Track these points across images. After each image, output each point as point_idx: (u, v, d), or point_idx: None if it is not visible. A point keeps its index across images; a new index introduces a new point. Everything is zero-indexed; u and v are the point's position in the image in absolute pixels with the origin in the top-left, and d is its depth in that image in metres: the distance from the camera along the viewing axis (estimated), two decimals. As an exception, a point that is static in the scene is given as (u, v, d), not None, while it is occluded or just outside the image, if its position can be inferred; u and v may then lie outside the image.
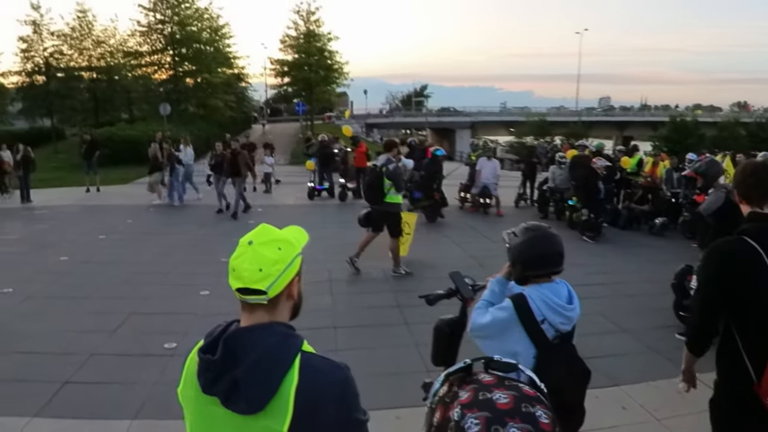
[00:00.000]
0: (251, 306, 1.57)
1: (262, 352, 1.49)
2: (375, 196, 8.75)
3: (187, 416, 1.64)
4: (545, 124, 58.67)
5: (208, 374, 1.51)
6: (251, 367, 1.47)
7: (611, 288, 8.57)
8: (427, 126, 71.03)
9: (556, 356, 2.72)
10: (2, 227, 13.23)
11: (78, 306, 7.44)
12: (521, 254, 2.85)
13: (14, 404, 4.79)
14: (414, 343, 6.07)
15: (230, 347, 1.50)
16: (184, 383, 1.64)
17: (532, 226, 2.93)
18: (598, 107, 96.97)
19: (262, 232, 1.61)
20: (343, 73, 47.44)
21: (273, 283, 1.54)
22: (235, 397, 1.47)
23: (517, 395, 1.20)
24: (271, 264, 1.54)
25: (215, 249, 10.43)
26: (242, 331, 1.55)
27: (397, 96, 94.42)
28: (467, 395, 1.25)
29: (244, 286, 1.53)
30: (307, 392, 1.49)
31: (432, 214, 13.79)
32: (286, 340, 1.55)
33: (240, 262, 1.54)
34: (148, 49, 40.98)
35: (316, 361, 1.56)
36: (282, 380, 1.48)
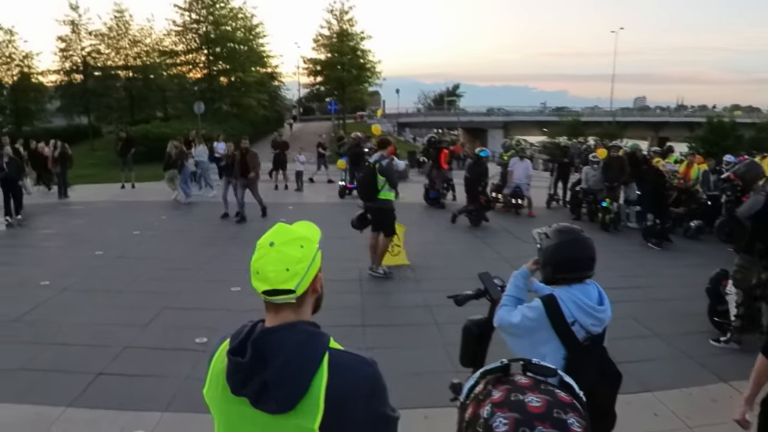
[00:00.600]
0: (277, 306, 1.57)
1: (290, 352, 1.49)
2: (368, 193, 8.70)
3: (214, 417, 1.64)
4: (579, 124, 57.94)
5: (237, 376, 1.51)
6: (281, 368, 1.47)
7: (644, 291, 8.43)
8: (459, 125, 70.74)
9: (587, 358, 2.68)
10: (41, 222, 13.52)
11: (112, 299, 7.59)
12: (553, 257, 2.82)
13: (50, 394, 4.92)
14: (443, 343, 6.05)
15: (259, 349, 1.50)
16: (210, 384, 1.63)
17: (565, 229, 2.90)
18: (633, 107, 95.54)
19: (282, 232, 1.60)
20: (375, 72, 47.59)
21: (300, 281, 1.54)
22: (265, 398, 1.47)
23: (551, 400, 1.18)
24: (296, 262, 1.54)
25: (247, 245, 10.38)
26: (270, 332, 1.55)
27: (429, 95, 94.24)
28: (500, 395, 1.23)
29: (272, 287, 1.53)
30: (336, 390, 1.48)
31: (476, 218, 13.29)
32: (313, 339, 1.55)
33: (264, 264, 1.54)
34: (183, 49, 41.56)
35: (344, 358, 1.56)
36: (312, 379, 1.48)
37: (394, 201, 8.89)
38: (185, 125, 29.81)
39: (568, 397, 1.21)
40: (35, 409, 4.65)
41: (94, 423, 4.50)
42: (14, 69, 41.25)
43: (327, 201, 17.53)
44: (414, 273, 9.00)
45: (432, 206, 16.26)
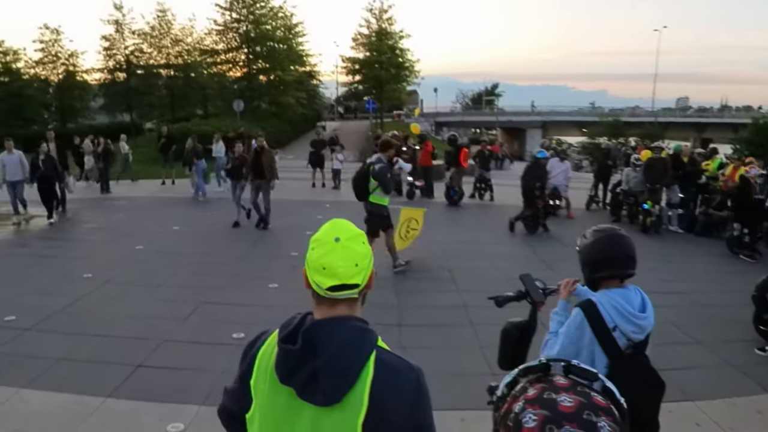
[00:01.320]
0: (334, 300, 1.57)
1: (340, 344, 1.51)
2: (359, 193, 8.57)
3: (257, 408, 1.63)
4: (619, 124, 57.06)
5: (287, 364, 1.52)
6: (330, 359, 1.48)
7: (685, 297, 8.20)
8: (498, 125, 70.27)
9: (629, 366, 2.61)
10: (84, 216, 13.83)
11: (152, 293, 7.72)
12: (590, 256, 2.76)
13: (91, 384, 5.02)
14: (479, 345, 6.00)
15: (310, 339, 1.51)
16: (257, 375, 1.63)
17: (601, 228, 2.84)
18: (676, 107, 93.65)
19: (344, 228, 1.61)
20: (413, 71, 47.47)
21: (364, 276, 1.58)
22: (312, 389, 1.48)
23: (584, 402, 1.17)
24: (362, 258, 1.57)
25: (285, 243, 10.62)
26: (321, 324, 1.55)
27: (467, 94, 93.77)
28: (534, 392, 1.23)
29: (341, 282, 1.54)
30: (381, 388, 1.49)
31: (533, 224, 12.50)
32: (363, 335, 1.56)
33: (332, 260, 1.54)
34: (223, 48, 42.03)
35: (391, 359, 1.57)
36: (359, 374, 1.49)
37: (386, 206, 8.58)
38: (224, 123, 30.19)
39: (604, 401, 1.19)
40: (76, 399, 4.75)
41: (133, 414, 4.57)
42: (60, 67, 42.47)
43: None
44: (450, 273, 8.95)
45: (452, 205, 16.17)
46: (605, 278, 2.75)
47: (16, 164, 12.60)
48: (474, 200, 17.32)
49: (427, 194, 17.27)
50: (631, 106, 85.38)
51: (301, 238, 10.75)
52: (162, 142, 19.86)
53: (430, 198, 17.01)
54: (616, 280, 2.74)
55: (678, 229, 13.23)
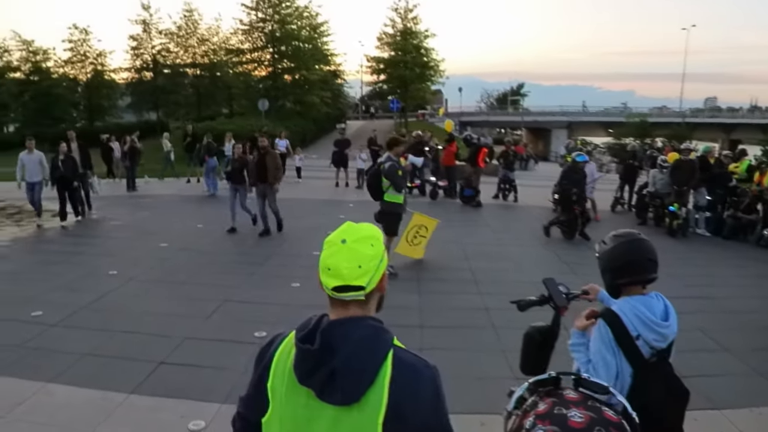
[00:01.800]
0: (344, 302, 1.58)
1: (357, 344, 1.52)
2: (374, 194, 8.60)
3: (275, 410, 1.63)
4: (646, 125, 56.30)
5: (306, 364, 1.53)
6: (348, 358, 1.49)
7: (712, 302, 8.02)
8: (523, 125, 69.84)
9: (654, 375, 2.55)
10: (110, 213, 13.98)
11: (175, 291, 7.81)
12: (610, 261, 2.71)
13: (116, 379, 5.10)
14: (501, 348, 5.96)
15: (327, 339, 1.52)
16: (274, 378, 1.63)
17: (621, 233, 2.78)
18: (704, 108, 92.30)
19: (352, 230, 1.62)
20: (438, 71, 47.42)
21: (371, 278, 1.57)
22: (331, 389, 1.49)
23: (594, 417, 1.15)
24: (368, 260, 1.57)
25: (307, 242, 10.63)
26: (337, 324, 1.57)
27: (492, 94, 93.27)
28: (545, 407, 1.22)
29: (344, 283, 1.55)
30: (400, 386, 1.50)
31: (569, 230, 11.90)
32: (379, 334, 1.57)
33: (337, 261, 1.56)
34: (249, 47, 42.35)
35: (408, 357, 1.58)
36: (377, 373, 1.50)
37: (400, 204, 8.60)
38: (249, 122, 30.40)
39: (615, 416, 1.17)
40: (100, 394, 4.82)
41: (155, 410, 4.62)
42: (88, 67, 43.23)
43: (387, 199, 17.54)
44: (473, 275, 8.90)
45: (466, 204, 16.10)
46: (627, 284, 2.69)
47: (35, 164, 12.25)
48: (498, 201, 17.23)
49: (450, 194, 17.22)
50: (658, 107, 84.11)
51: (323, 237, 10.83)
52: (187, 141, 20.04)
53: (453, 198, 16.95)
54: (638, 287, 2.69)
55: (705, 233, 13.03)
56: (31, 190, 12.26)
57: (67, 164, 12.27)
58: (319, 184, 20.18)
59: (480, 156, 16.34)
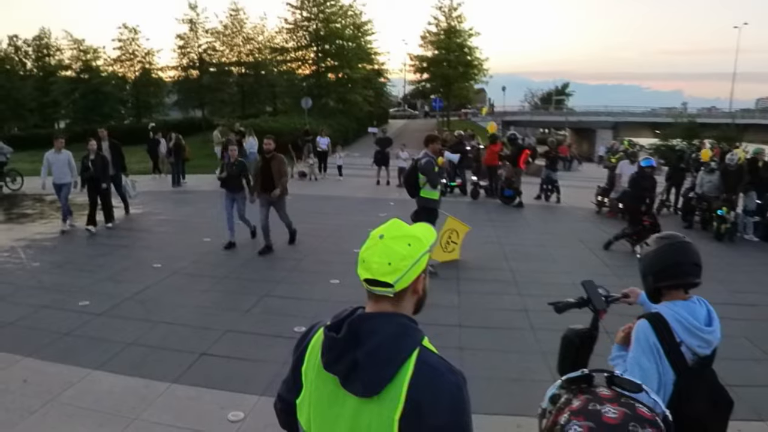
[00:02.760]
0: (377, 296, 1.61)
1: (382, 338, 1.53)
2: (411, 190, 8.58)
3: (306, 393, 1.68)
4: (694, 125, 54.95)
5: (332, 352, 1.56)
6: (372, 351, 1.51)
7: (760, 310, 7.71)
8: (567, 125, 68.95)
9: (697, 382, 2.48)
10: (155, 208, 14.28)
11: (217, 284, 7.95)
12: (653, 264, 2.64)
13: (159, 369, 5.24)
14: (539, 350, 5.92)
15: (354, 329, 1.55)
16: (308, 363, 1.69)
17: (666, 235, 2.72)
18: (755, 108, 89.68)
19: (394, 227, 1.64)
20: (482, 70, 47.13)
21: (400, 277, 1.56)
22: (353, 378, 1.51)
23: (628, 413, 1.15)
24: (400, 259, 1.57)
25: (347, 239, 10.71)
26: (367, 317, 1.59)
27: (536, 93, 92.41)
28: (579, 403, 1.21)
29: (373, 277, 1.57)
30: (420, 385, 1.50)
31: (637, 242, 10.72)
32: (407, 332, 1.58)
33: (370, 255, 1.59)
34: (293, 46, 42.68)
35: (433, 359, 1.57)
36: (398, 369, 1.51)
37: (436, 200, 8.57)
38: (292, 120, 30.68)
39: (649, 413, 1.16)
40: (143, 383, 4.96)
41: (196, 400, 4.72)
42: (137, 65, 44.22)
43: (427, 198, 17.52)
44: (513, 275, 8.84)
45: (506, 204, 16.00)
46: (669, 288, 2.63)
47: (63, 165, 11.43)
48: (540, 201, 17.07)
49: (491, 194, 17.14)
50: (707, 107, 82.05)
51: (363, 235, 10.79)
52: (236, 139, 20.31)
53: (494, 198, 16.88)
54: (680, 291, 2.62)
55: (753, 238, 12.65)
56: (59, 192, 11.55)
57: (97, 164, 11.39)
58: (360, 182, 20.25)
59: (522, 157, 16.21)
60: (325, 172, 21.83)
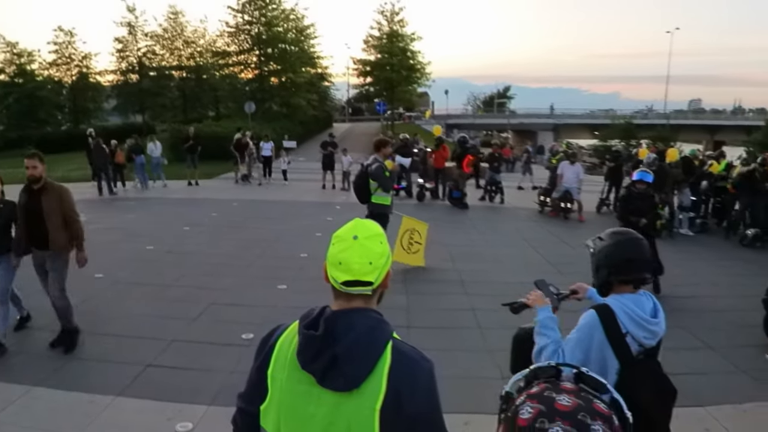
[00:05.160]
0: (350, 295, 1.64)
1: (360, 332, 1.58)
2: (361, 196, 8.53)
3: (273, 397, 1.66)
4: (631, 127, 56.66)
5: (309, 350, 1.57)
6: (351, 345, 1.55)
7: (696, 301, 8.14)
8: (509, 128, 70.13)
9: (641, 372, 2.56)
10: (93, 217, 13.85)
11: (162, 293, 7.77)
12: (608, 258, 2.72)
13: (103, 382, 5.09)
14: (487, 348, 6.04)
15: (331, 326, 1.58)
16: (275, 365, 1.67)
17: (620, 230, 2.83)
18: (688, 110, 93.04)
19: (363, 227, 1.68)
20: (425, 73, 47.50)
21: (379, 275, 1.64)
22: (333, 374, 1.54)
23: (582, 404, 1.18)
24: (378, 257, 1.64)
25: (294, 244, 10.64)
26: (342, 313, 1.63)
27: (479, 97, 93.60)
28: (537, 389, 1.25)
29: (354, 278, 1.60)
30: (398, 374, 1.56)
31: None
32: (380, 325, 1.64)
33: (349, 256, 1.62)
34: (235, 49, 42.26)
35: (406, 348, 1.65)
36: (377, 360, 1.56)
37: (388, 205, 8.55)
38: (236, 124, 30.33)
39: (606, 410, 1.18)
40: (87, 397, 4.80)
41: (142, 412, 4.61)
42: (74, 69, 42.95)
43: (374, 201, 17.55)
44: (460, 275, 8.95)
45: (455, 206, 16.20)
46: (621, 282, 2.71)
47: None
48: (484, 203, 17.32)
49: (436, 196, 17.36)
50: (643, 109, 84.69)
51: (311, 239, 10.79)
52: (189, 144, 19.96)
53: (439, 200, 17.16)
54: (629, 285, 2.71)
55: (689, 232, 13.16)
56: None
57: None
58: (306, 187, 20.16)
59: (465, 161, 16.45)
60: (271, 176, 21.66)
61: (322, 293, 1.71)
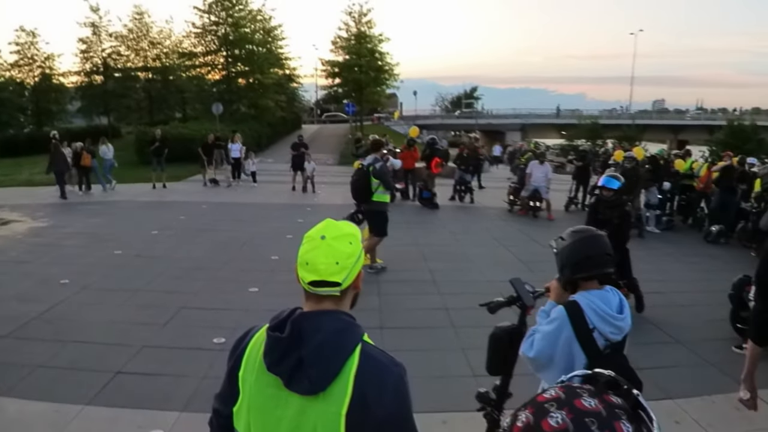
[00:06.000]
0: (319, 296, 1.62)
1: (327, 334, 1.55)
2: (362, 195, 8.76)
3: (244, 399, 1.65)
4: (597, 127, 57.51)
5: (275, 352, 1.56)
6: (317, 347, 1.53)
7: (664, 297, 8.29)
8: (477, 128, 70.64)
9: (607, 366, 2.59)
10: (60, 220, 13.60)
11: (131, 298, 7.63)
12: (569, 257, 2.78)
13: (70, 391, 4.95)
14: (461, 347, 6.06)
15: (298, 328, 1.56)
16: (246, 368, 1.66)
17: (579, 229, 2.88)
18: (652, 110, 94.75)
19: (332, 227, 1.66)
20: (393, 75, 47.50)
21: (347, 275, 1.61)
22: (299, 377, 1.52)
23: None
24: (345, 257, 1.61)
25: (264, 246, 10.57)
26: (309, 315, 1.61)
27: (447, 97, 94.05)
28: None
29: (320, 278, 1.59)
30: (365, 378, 1.53)
31: None
32: (350, 328, 1.62)
33: (315, 256, 1.60)
34: (202, 50, 41.72)
35: (375, 352, 1.62)
36: (344, 364, 1.53)
37: (388, 203, 8.94)
38: (204, 126, 30.02)
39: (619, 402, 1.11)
40: (55, 407, 4.68)
41: (112, 421, 4.51)
42: (36, 70, 41.98)
43: (344, 202, 17.45)
44: (432, 275, 8.97)
45: (426, 206, 16.29)
46: (585, 279, 2.77)
47: None
48: (454, 202, 17.40)
49: (406, 197, 17.41)
50: (609, 109, 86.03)
51: (282, 242, 10.71)
52: (156, 146, 19.68)
53: (409, 201, 17.22)
54: (594, 282, 2.77)
55: (655, 230, 13.42)
56: None
57: None
58: (275, 188, 20.03)
59: (432, 162, 16.53)
60: (239, 179, 21.48)
61: (295, 296, 1.69)
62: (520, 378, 3.22)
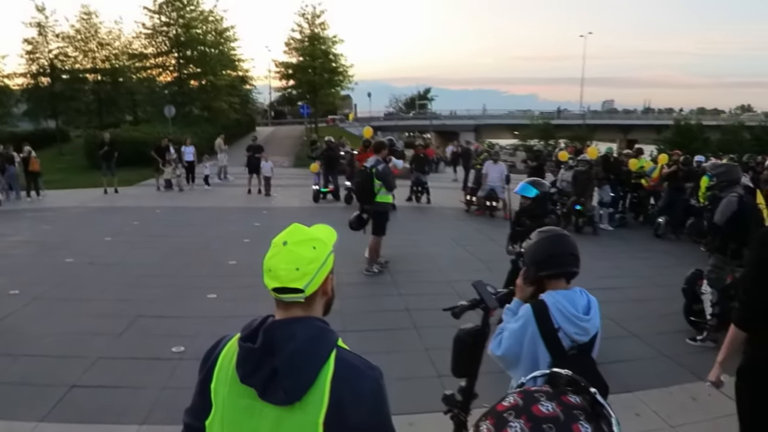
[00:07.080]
0: (287, 304, 1.59)
1: (300, 343, 1.52)
2: (366, 197, 8.87)
3: (217, 412, 1.61)
4: (549, 127, 58.53)
5: (248, 363, 1.52)
6: (290, 356, 1.49)
7: (620, 292, 8.50)
8: (431, 129, 71.08)
9: (571, 367, 2.60)
10: (7, 228, 13.17)
11: (84, 308, 7.41)
12: (534, 255, 2.81)
13: (22, 408, 4.76)
14: (424, 347, 6.08)
15: (270, 337, 1.52)
16: (218, 379, 1.62)
17: (545, 229, 2.91)
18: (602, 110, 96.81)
19: (296, 232, 1.63)
20: (347, 76, 47.47)
21: (310, 281, 1.57)
22: (273, 388, 1.48)
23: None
24: (307, 263, 1.57)
25: (221, 251, 10.42)
26: (281, 323, 1.57)
27: (400, 99, 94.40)
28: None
29: (282, 285, 1.55)
30: (341, 385, 1.51)
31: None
32: (323, 334, 1.58)
33: (276, 262, 1.57)
34: (152, 52, 40.98)
35: (351, 357, 1.59)
36: (318, 372, 1.50)
37: (390, 203, 9.15)
38: (155, 129, 29.49)
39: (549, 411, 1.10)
40: (5, 425, 4.49)
41: (69, 437, 4.37)
42: (-22, 72, 40.53)
43: (301, 205, 17.39)
44: (392, 277, 8.98)
45: None
46: (550, 277, 2.79)
47: None
48: (411, 203, 17.46)
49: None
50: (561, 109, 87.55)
51: (239, 246, 10.59)
52: (105, 150, 19.21)
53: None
54: (561, 281, 2.79)
55: (608, 227, 13.71)
56: None
57: None
58: (230, 192, 19.81)
59: None
60: (193, 182, 21.17)
61: (254, 301, 1.67)
62: (486, 377, 3.24)
